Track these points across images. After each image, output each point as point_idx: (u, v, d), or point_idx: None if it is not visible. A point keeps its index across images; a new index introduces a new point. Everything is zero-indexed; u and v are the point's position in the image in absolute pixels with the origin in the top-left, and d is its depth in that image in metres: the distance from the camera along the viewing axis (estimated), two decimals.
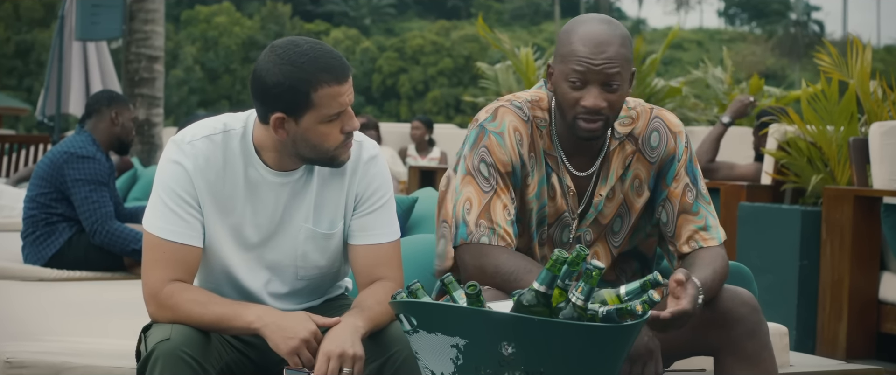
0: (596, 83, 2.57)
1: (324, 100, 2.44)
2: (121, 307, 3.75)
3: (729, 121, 6.31)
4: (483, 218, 2.61)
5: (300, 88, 2.42)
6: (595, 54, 2.56)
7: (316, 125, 2.46)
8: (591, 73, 2.56)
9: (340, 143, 2.51)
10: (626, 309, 2.13)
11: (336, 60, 2.46)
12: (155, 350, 2.37)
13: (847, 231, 4.95)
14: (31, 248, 4.93)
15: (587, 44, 2.57)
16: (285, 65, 2.43)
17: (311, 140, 2.48)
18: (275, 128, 2.48)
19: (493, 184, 2.64)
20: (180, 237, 2.51)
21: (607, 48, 2.56)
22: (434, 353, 2.19)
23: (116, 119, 5.11)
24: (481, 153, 2.66)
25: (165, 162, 2.55)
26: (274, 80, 2.43)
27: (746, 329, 2.59)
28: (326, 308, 2.71)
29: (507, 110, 2.69)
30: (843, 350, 4.91)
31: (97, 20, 8.74)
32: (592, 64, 2.56)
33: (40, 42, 35.80)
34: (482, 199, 2.63)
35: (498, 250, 2.60)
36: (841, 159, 5.45)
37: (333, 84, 2.44)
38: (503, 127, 2.66)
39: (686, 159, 2.75)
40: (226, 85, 41.39)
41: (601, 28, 2.59)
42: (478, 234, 2.61)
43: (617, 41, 2.57)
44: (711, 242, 2.72)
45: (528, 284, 2.49)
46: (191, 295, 2.48)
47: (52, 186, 4.90)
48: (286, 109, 2.45)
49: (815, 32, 56.74)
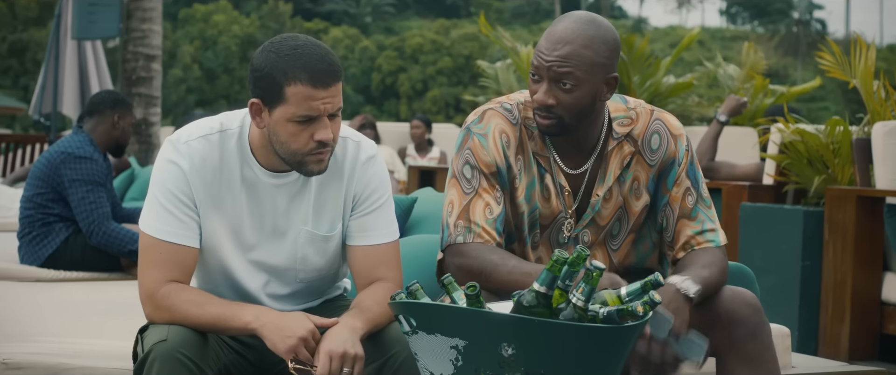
0: (547, 78, 2.58)
1: (295, 98, 2.42)
2: (117, 308, 3.75)
3: (725, 119, 6.32)
4: (462, 219, 2.63)
5: (276, 78, 2.42)
6: (549, 50, 2.57)
7: (285, 122, 2.45)
8: (542, 68, 2.58)
9: (310, 150, 2.47)
10: (628, 310, 2.13)
11: (321, 63, 2.43)
12: (151, 351, 2.37)
13: (850, 231, 4.95)
14: (28, 249, 4.93)
15: (548, 38, 2.59)
16: (271, 54, 2.44)
17: (280, 136, 2.47)
18: (253, 114, 2.49)
19: (475, 186, 2.64)
20: (177, 237, 2.51)
21: (564, 47, 2.56)
22: (433, 354, 2.19)
23: (118, 122, 5.11)
24: (466, 155, 2.67)
25: (161, 162, 2.55)
26: (258, 64, 2.45)
27: (748, 330, 2.59)
28: (325, 309, 2.71)
29: (494, 113, 2.70)
30: (846, 351, 4.91)
31: (94, 19, 8.74)
32: (544, 58, 2.57)
33: (36, 41, 35.81)
34: (462, 201, 2.64)
35: (472, 247, 2.60)
36: (840, 159, 5.45)
37: (308, 85, 2.41)
38: (488, 129, 2.67)
39: (687, 163, 2.74)
40: (224, 84, 41.40)
41: (570, 26, 2.58)
42: (455, 234, 2.62)
43: (580, 41, 2.56)
44: (707, 245, 2.70)
45: (502, 278, 2.51)
46: (187, 295, 2.48)
47: (49, 186, 4.90)
48: (263, 97, 2.46)
49: (818, 31, 56.76)
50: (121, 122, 5.12)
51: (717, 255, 2.68)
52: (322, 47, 2.46)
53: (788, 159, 5.61)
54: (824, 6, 66.43)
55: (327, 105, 2.44)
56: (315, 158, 2.49)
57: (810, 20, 59.16)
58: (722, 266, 2.65)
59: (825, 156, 5.46)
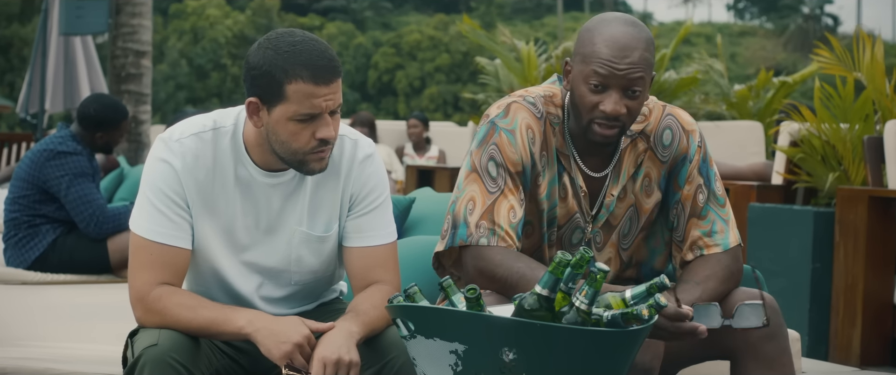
0: (617, 88, 2.54)
1: (296, 96, 2.42)
2: (106, 311, 3.75)
3: None
4: (484, 220, 2.60)
5: (275, 76, 2.41)
6: (619, 58, 2.53)
7: (286, 120, 2.45)
8: (613, 78, 2.53)
9: (311, 149, 2.47)
10: (632, 314, 2.13)
11: (322, 60, 2.43)
12: (142, 356, 2.37)
13: (861, 232, 4.96)
14: (14, 251, 4.92)
15: (611, 46, 2.54)
16: (269, 50, 2.43)
17: (279, 135, 2.47)
18: (250, 113, 2.48)
19: (501, 185, 2.62)
20: (168, 238, 2.51)
21: (632, 52, 2.53)
22: (432, 359, 2.19)
23: (101, 138, 5.09)
24: (491, 151, 2.64)
25: (153, 160, 2.54)
26: (255, 63, 2.44)
27: (766, 332, 2.59)
28: (320, 312, 2.71)
29: (520, 107, 2.67)
30: (857, 356, 4.91)
31: (82, 14, 8.73)
32: (616, 68, 2.53)
33: (21, 37, 35.75)
34: (486, 200, 2.61)
35: (497, 251, 2.59)
36: (855, 158, 5.45)
37: (310, 82, 2.41)
38: (515, 124, 2.65)
39: (699, 159, 2.73)
40: (215, 82, 41.37)
41: (627, 30, 2.56)
42: (477, 236, 2.60)
43: (642, 45, 2.55)
44: (715, 249, 2.70)
45: (528, 288, 2.48)
46: (179, 298, 2.48)
47: (34, 187, 4.90)
48: (261, 95, 2.45)
49: (828, 27, 56.76)
50: (104, 138, 5.10)
51: (721, 262, 2.67)
52: (321, 43, 2.46)
53: (802, 153, 5.60)
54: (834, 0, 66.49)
55: (329, 102, 2.44)
56: (316, 157, 2.49)
57: (820, 15, 59.15)
58: (723, 275, 2.65)
59: (841, 151, 5.45)
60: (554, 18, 52.15)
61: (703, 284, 2.61)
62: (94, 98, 5.36)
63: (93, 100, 5.28)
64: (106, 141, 5.11)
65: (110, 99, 5.36)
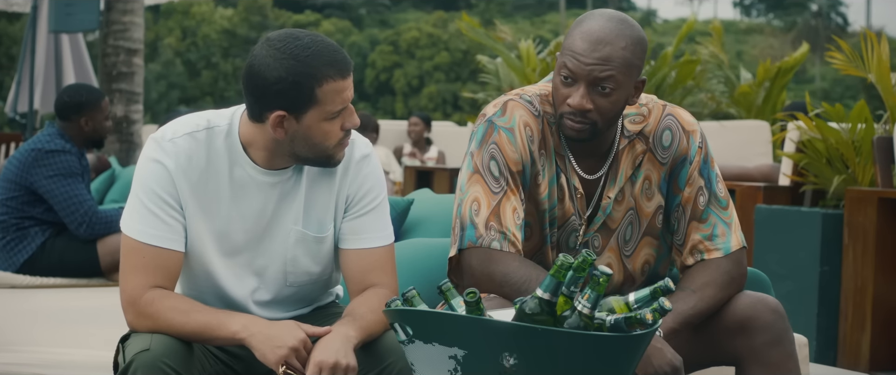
0: (585, 82, 2.55)
1: (328, 96, 2.44)
2: (98, 315, 3.75)
3: None
4: (493, 221, 2.61)
5: (304, 83, 2.42)
6: (588, 52, 2.54)
7: (318, 122, 2.47)
8: (580, 71, 2.55)
9: (339, 141, 2.52)
10: (636, 318, 2.13)
11: (339, 53, 2.47)
12: (133, 361, 2.37)
13: (870, 235, 4.95)
14: (2, 254, 4.92)
15: (585, 39, 2.55)
16: (287, 60, 2.42)
17: (312, 138, 2.48)
18: (274, 126, 2.48)
19: (503, 185, 2.63)
20: (161, 240, 2.51)
21: (604, 47, 2.54)
22: (431, 364, 2.20)
23: (87, 124, 5.09)
24: (491, 150, 2.64)
25: (145, 160, 2.55)
26: (275, 76, 2.42)
27: (772, 337, 2.59)
28: (316, 316, 2.71)
29: (516, 104, 2.68)
30: (866, 361, 4.91)
31: (72, 11, 8.70)
32: (583, 61, 2.54)
33: (9, 35, 35.73)
34: (491, 201, 2.62)
35: (508, 256, 2.59)
36: (862, 159, 5.45)
37: (338, 79, 2.44)
38: (513, 122, 2.65)
39: (700, 160, 2.72)
40: (207, 80, 41.35)
41: (607, 25, 2.56)
42: (488, 238, 2.60)
43: (621, 43, 2.54)
44: (715, 253, 2.69)
45: None
46: (172, 302, 2.48)
47: (22, 188, 4.90)
48: (288, 107, 2.45)
49: (838, 24, 56.75)
50: (90, 123, 5.10)
51: (721, 268, 2.67)
52: (324, 37, 2.49)
53: (807, 158, 5.61)
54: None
55: (350, 92, 2.49)
56: (342, 146, 2.54)
57: (830, 12, 59.14)
58: (723, 281, 2.65)
59: (846, 154, 5.46)
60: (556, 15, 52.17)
61: (699, 292, 2.61)
62: (65, 88, 5.41)
63: (64, 91, 5.32)
64: (93, 127, 5.10)
65: (80, 84, 5.37)
